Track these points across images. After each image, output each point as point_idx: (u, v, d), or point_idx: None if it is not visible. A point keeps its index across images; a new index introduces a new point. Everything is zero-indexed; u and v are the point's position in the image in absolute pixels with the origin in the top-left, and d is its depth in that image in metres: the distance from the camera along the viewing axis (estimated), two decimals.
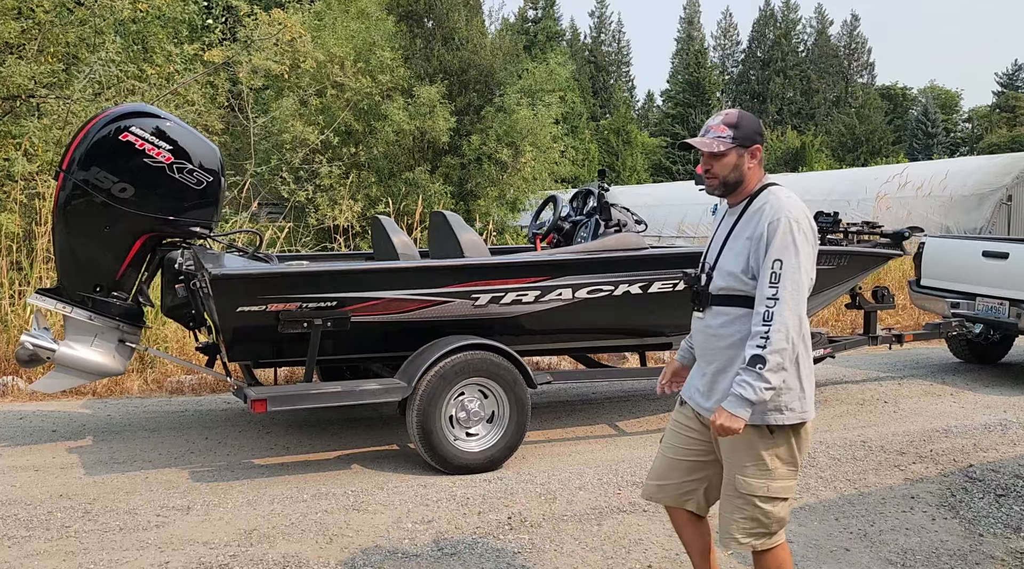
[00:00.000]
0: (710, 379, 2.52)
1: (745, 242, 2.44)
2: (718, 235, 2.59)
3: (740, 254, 2.44)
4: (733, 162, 2.49)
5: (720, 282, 2.49)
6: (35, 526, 3.70)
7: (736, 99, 53.90)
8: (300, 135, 11.86)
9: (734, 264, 2.45)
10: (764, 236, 2.39)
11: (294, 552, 3.45)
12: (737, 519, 2.48)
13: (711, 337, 2.50)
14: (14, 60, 8.68)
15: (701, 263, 2.61)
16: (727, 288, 2.46)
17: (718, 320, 2.49)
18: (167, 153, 4.44)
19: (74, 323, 4.57)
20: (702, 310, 2.55)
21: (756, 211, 2.46)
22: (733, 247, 2.48)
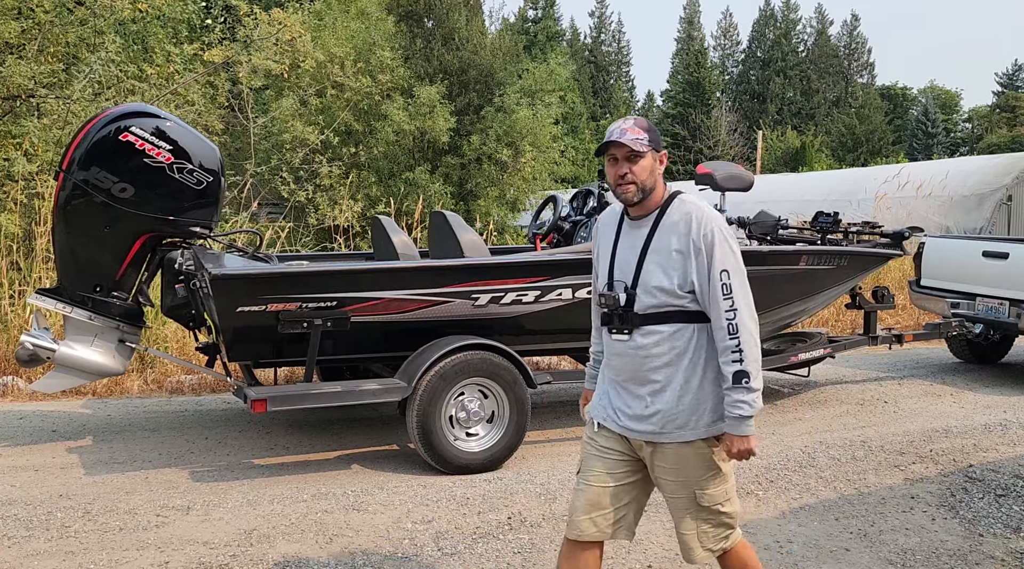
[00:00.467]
0: (647, 400, 2.38)
1: (676, 256, 2.33)
2: (624, 249, 2.44)
3: (673, 269, 2.33)
4: (650, 166, 2.37)
5: (649, 300, 2.35)
6: (35, 526, 3.70)
7: (736, 99, 53.90)
8: (300, 135, 11.87)
9: (665, 280, 2.33)
10: (704, 249, 2.31)
11: (294, 552, 3.45)
12: (706, 530, 2.42)
13: (644, 358, 2.37)
14: (14, 60, 8.68)
15: (608, 282, 2.44)
16: (659, 305, 2.34)
17: (650, 339, 2.36)
18: (167, 153, 4.43)
19: (74, 323, 4.56)
20: (627, 332, 2.39)
21: (679, 222, 2.35)
22: (658, 261, 2.35)
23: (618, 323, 2.41)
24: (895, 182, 15.57)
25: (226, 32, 11.92)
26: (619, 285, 2.41)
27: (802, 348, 6.06)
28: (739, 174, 6.26)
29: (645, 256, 2.37)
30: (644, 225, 2.41)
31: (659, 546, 3.55)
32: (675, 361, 2.35)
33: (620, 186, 2.37)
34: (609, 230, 2.52)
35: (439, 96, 12.66)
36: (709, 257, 2.30)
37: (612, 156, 2.38)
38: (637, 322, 2.37)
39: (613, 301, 2.39)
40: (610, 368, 2.49)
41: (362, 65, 12.64)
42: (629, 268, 2.40)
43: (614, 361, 2.45)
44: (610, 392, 2.49)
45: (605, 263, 2.48)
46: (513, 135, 13.17)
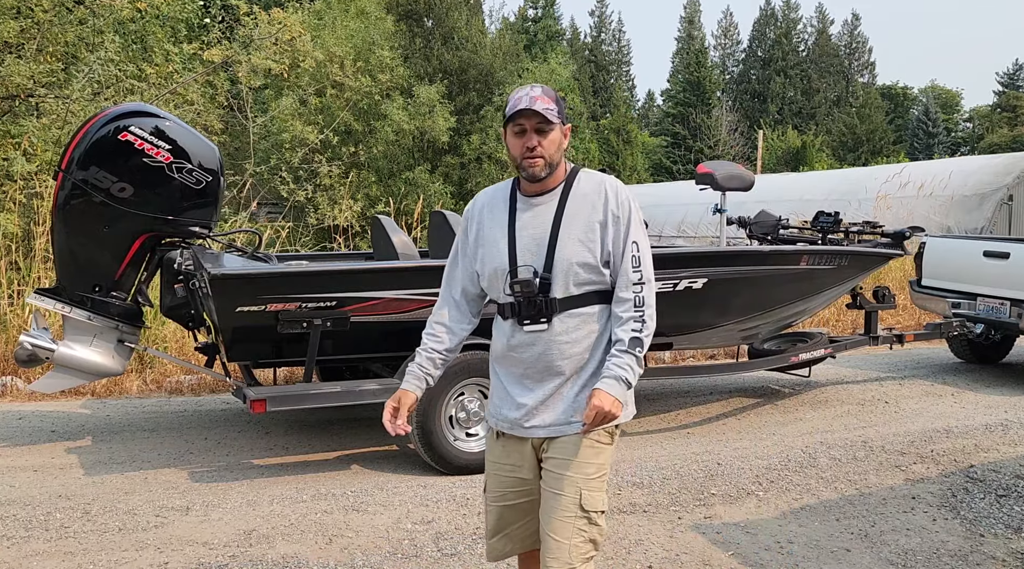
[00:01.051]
0: (562, 391, 2.17)
1: (594, 228, 2.15)
2: (525, 230, 2.19)
3: (592, 242, 2.15)
4: (558, 140, 2.17)
5: (569, 280, 2.14)
6: (34, 526, 3.69)
7: (737, 98, 53.88)
8: (299, 135, 11.87)
9: (588, 255, 2.14)
10: (620, 218, 2.16)
11: (293, 553, 3.44)
12: (578, 544, 2.13)
13: (563, 346, 2.15)
14: (13, 59, 8.67)
15: (511, 269, 2.17)
16: (583, 284, 2.15)
17: (570, 324, 2.15)
18: (166, 153, 4.42)
19: (73, 323, 4.55)
20: (545, 320, 2.15)
21: (592, 193, 2.18)
22: (576, 237, 2.15)
23: (533, 312, 2.16)
24: (896, 182, 15.56)
25: (225, 32, 11.90)
26: (526, 270, 2.16)
27: (803, 348, 6.05)
28: (740, 174, 6.25)
29: (558, 232, 2.15)
30: (548, 201, 2.19)
31: (659, 546, 3.54)
32: (594, 344, 2.18)
33: (527, 160, 2.13)
34: (498, 212, 2.24)
35: (439, 96, 12.66)
36: (626, 227, 2.17)
37: (520, 126, 2.14)
38: (557, 308, 2.15)
39: (530, 288, 2.14)
40: (512, 365, 2.23)
41: (362, 64, 12.64)
42: (539, 249, 2.16)
43: (521, 354, 2.20)
44: (511, 392, 2.24)
45: (501, 248, 2.20)
46: None
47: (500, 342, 2.26)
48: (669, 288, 4.93)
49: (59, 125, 8.70)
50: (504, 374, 2.27)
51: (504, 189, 2.28)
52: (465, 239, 2.32)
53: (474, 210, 2.32)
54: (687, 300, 5.05)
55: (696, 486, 4.24)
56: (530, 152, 2.13)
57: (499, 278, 2.20)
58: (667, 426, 5.60)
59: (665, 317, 5.15)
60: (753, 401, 6.28)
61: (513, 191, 2.25)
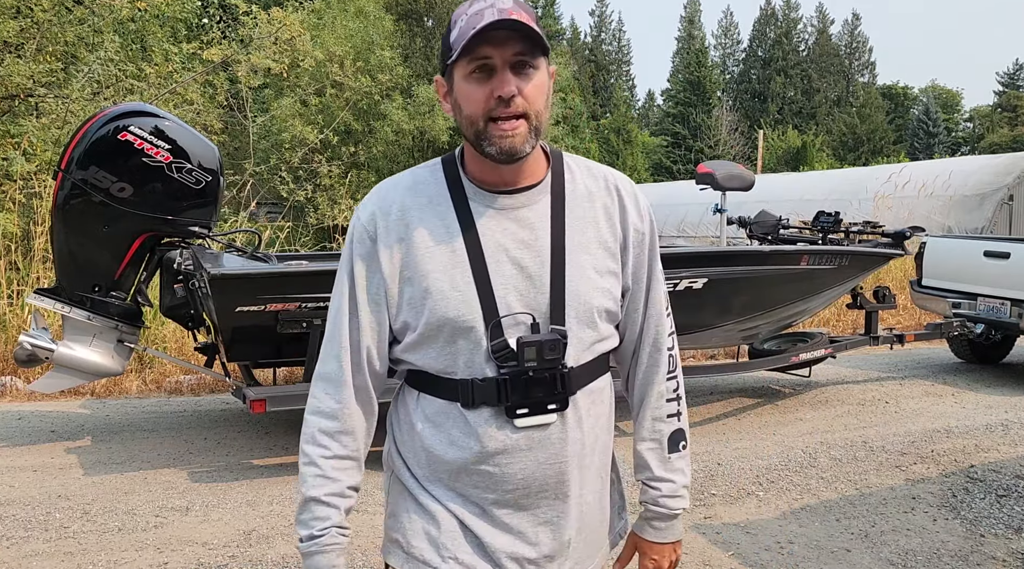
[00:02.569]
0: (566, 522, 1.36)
1: (613, 251, 1.36)
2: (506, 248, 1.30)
3: (611, 274, 1.36)
4: (546, 88, 1.28)
5: (583, 336, 1.32)
6: (33, 527, 3.69)
7: (737, 98, 53.88)
8: (299, 134, 11.87)
9: (608, 295, 1.34)
10: (646, 236, 1.40)
11: (293, 553, 3.43)
12: None
13: (578, 445, 1.34)
14: (12, 59, 8.67)
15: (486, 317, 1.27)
16: (598, 341, 1.35)
17: (584, 409, 1.34)
18: (166, 152, 4.42)
19: (72, 323, 4.55)
20: (557, 407, 1.30)
21: (599, 193, 1.38)
22: (588, 263, 1.33)
23: (539, 395, 1.28)
24: (896, 182, 15.56)
25: (224, 31, 11.91)
26: (515, 322, 1.28)
27: (803, 348, 6.05)
28: (740, 174, 6.25)
29: (565, 256, 1.31)
30: (532, 201, 1.33)
31: None
32: (604, 437, 1.41)
33: (501, 123, 1.23)
34: (436, 220, 1.31)
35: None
36: (650, 250, 1.41)
37: (482, 62, 1.23)
38: (573, 383, 1.31)
39: (553, 354, 1.28)
40: (478, 487, 1.32)
41: (361, 64, 12.64)
42: (534, 285, 1.29)
43: (506, 468, 1.30)
44: (474, 530, 1.33)
45: (459, 284, 1.28)
46: None
47: (453, 450, 1.32)
48: (669, 288, 4.90)
49: (59, 125, 8.70)
50: (455, 502, 1.34)
51: (431, 180, 1.34)
52: (371, 274, 1.32)
53: (381, 220, 1.32)
54: (687, 300, 5.05)
55: (696, 486, 4.24)
56: (505, 106, 1.22)
57: (462, 337, 1.28)
58: None
59: None
60: (753, 401, 6.27)
61: (453, 182, 1.33)
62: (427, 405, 1.36)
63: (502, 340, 1.28)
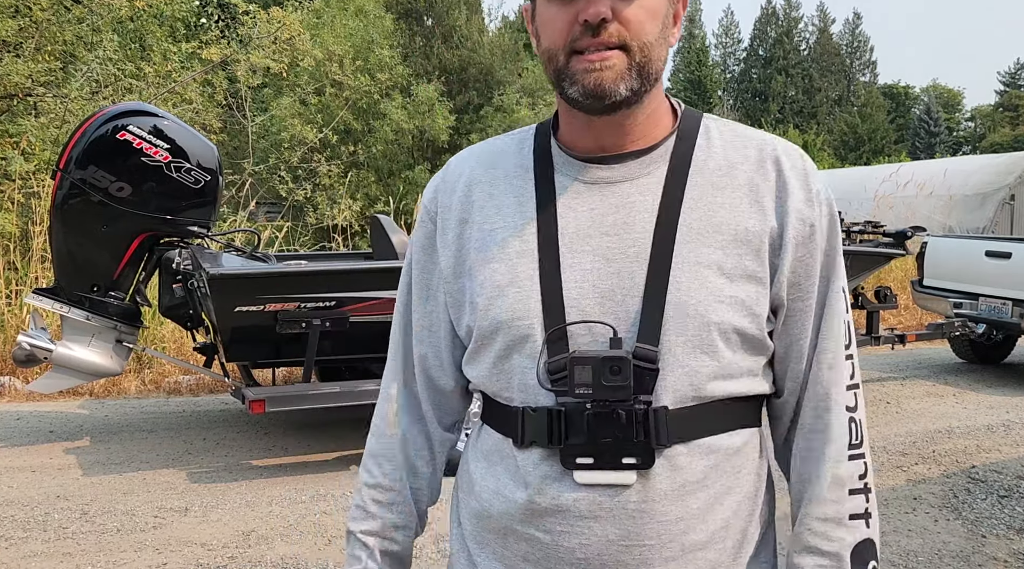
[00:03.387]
0: None
1: (758, 246, 0.96)
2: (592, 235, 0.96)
3: (749, 280, 0.96)
4: (662, 7, 0.94)
5: (695, 366, 0.93)
6: (32, 527, 3.68)
7: (738, 97, 53.89)
8: (298, 134, 11.86)
9: (731, 309, 0.94)
10: (818, 230, 0.99)
11: (292, 554, 3.42)
12: None
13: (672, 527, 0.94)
14: (11, 58, 8.66)
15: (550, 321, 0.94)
16: (728, 378, 0.95)
17: (691, 473, 0.95)
18: (165, 152, 4.41)
19: (71, 323, 4.54)
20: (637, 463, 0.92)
21: (743, 165, 0.99)
22: (712, 260, 0.94)
23: (609, 441, 0.92)
24: (897, 181, 15.55)
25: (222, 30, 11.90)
26: (589, 334, 0.94)
27: None
28: None
29: (672, 248, 0.94)
30: (640, 173, 0.97)
31: None
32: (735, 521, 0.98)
33: (586, 58, 0.90)
34: (509, 196, 1.01)
35: (437, 94, 12.65)
36: (826, 255, 1.02)
37: None
38: (668, 432, 0.92)
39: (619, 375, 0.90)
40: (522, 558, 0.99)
41: (361, 63, 12.64)
42: (624, 288, 0.94)
43: (560, 539, 0.95)
44: None
45: (523, 277, 0.97)
46: None
47: (498, 501, 1.01)
48: None
49: (57, 124, 8.69)
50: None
51: (514, 149, 1.05)
52: (428, 264, 1.08)
53: (444, 197, 1.06)
54: None
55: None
56: (592, 35, 0.90)
57: (517, 350, 0.97)
58: None
59: None
60: None
61: (542, 151, 1.02)
62: (485, 438, 1.04)
63: (563, 357, 0.92)
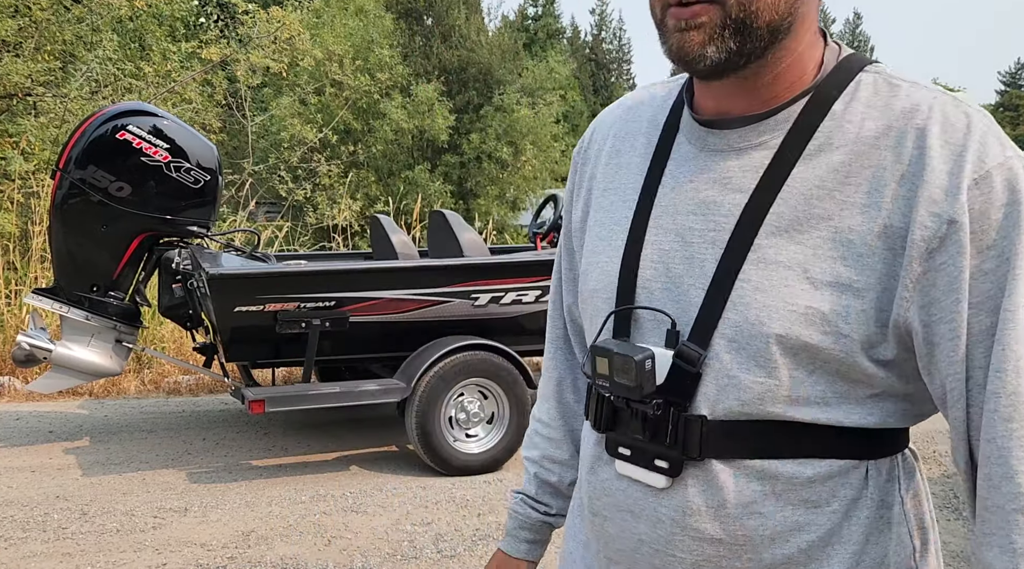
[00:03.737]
0: None
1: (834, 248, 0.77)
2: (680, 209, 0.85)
3: (833, 286, 0.77)
4: None
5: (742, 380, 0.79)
6: (32, 527, 3.67)
7: None
8: (298, 134, 11.86)
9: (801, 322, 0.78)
10: (964, 229, 0.74)
11: (292, 554, 3.42)
12: None
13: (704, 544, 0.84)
14: (11, 58, 8.65)
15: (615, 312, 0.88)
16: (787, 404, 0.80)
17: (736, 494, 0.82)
18: (164, 152, 4.41)
19: (71, 323, 4.54)
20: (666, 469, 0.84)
21: (873, 140, 0.78)
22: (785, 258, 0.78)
23: (641, 436, 0.86)
24: None
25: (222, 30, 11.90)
26: (654, 320, 0.86)
27: None
28: None
29: (753, 240, 0.80)
30: (750, 143, 0.83)
31: None
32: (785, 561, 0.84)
33: (675, 10, 0.78)
34: (633, 155, 0.94)
35: (436, 94, 12.65)
36: (998, 258, 0.75)
37: None
38: (703, 446, 0.82)
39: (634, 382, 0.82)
40: (590, 529, 0.96)
41: (360, 63, 12.63)
42: (693, 273, 0.84)
43: (602, 522, 0.92)
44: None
45: (610, 247, 0.92)
46: (513, 134, 13.18)
47: (581, 472, 0.99)
48: None
49: (57, 124, 8.68)
50: (582, 538, 1.00)
51: (659, 101, 0.95)
52: (568, 215, 1.04)
53: (587, 147, 1.02)
54: None
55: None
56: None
57: (595, 322, 0.92)
58: None
59: None
60: None
61: (677, 106, 0.92)
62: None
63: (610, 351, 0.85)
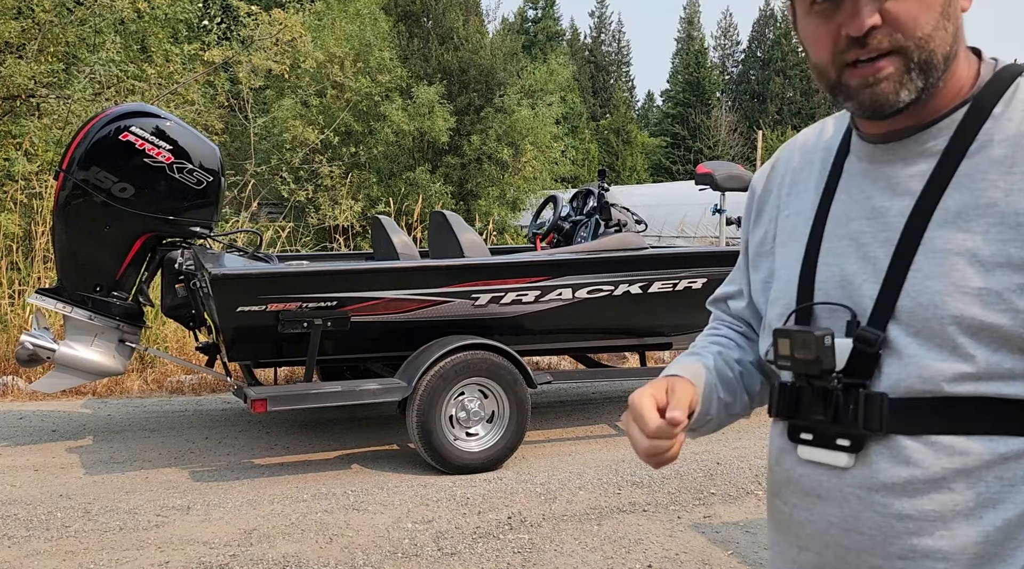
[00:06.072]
0: None
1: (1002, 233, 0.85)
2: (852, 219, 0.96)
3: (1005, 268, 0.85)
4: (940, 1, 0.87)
5: (933, 363, 0.87)
6: (35, 526, 3.70)
7: (736, 99, 53.95)
8: (300, 135, 11.88)
9: (977, 302, 0.85)
10: None
11: (294, 552, 3.45)
12: None
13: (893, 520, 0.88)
14: (14, 60, 8.68)
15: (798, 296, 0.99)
16: (978, 379, 0.86)
17: (922, 468, 0.87)
18: (167, 153, 4.44)
19: (74, 323, 4.57)
20: (848, 446, 0.91)
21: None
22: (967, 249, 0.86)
23: (822, 418, 0.93)
24: None
25: (225, 32, 11.93)
26: (830, 315, 0.95)
27: None
28: (739, 174, 6.26)
29: (924, 233, 0.89)
30: (914, 152, 0.92)
31: (659, 546, 3.55)
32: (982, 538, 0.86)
33: (861, 71, 0.88)
34: (811, 182, 1.03)
35: (437, 96, 12.67)
36: None
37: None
38: (887, 418, 0.89)
39: (808, 355, 0.91)
40: (785, 530, 1.00)
41: (361, 65, 12.66)
42: (867, 269, 0.93)
43: (796, 512, 0.97)
44: None
45: (791, 258, 1.02)
46: (513, 135, 13.19)
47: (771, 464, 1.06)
48: (669, 288, 4.93)
49: (60, 125, 8.71)
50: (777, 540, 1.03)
51: (834, 129, 1.04)
52: (747, 231, 1.16)
53: (766, 177, 1.12)
54: (687, 300, 5.06)
55: (696, 485, 4.25)
56: (859, 47, 0.87)
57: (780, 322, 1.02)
58: None
59: (665, 317, 5.18)
60: None
61: (847, 133, 1.01)
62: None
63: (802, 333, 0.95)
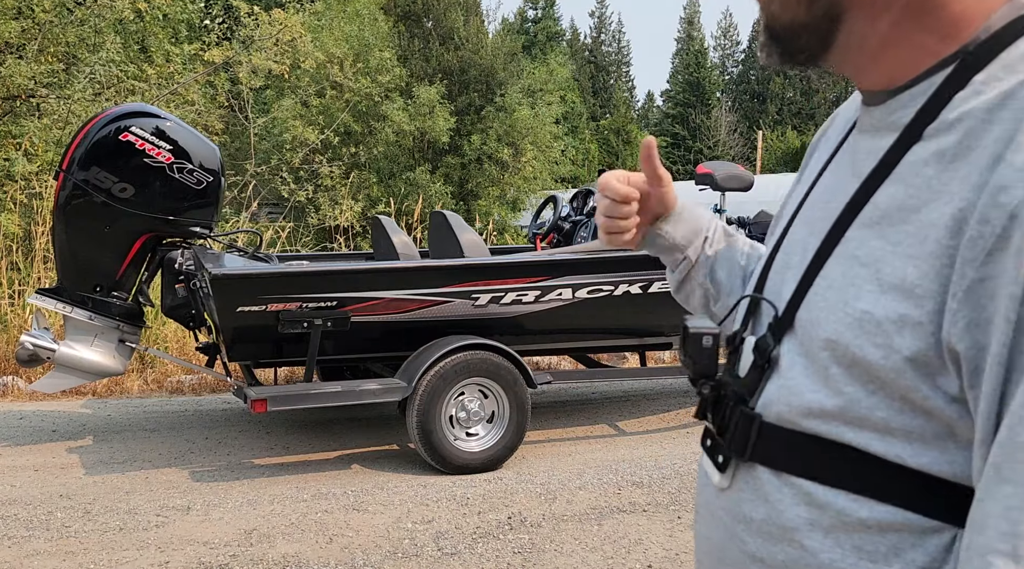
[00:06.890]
0: None
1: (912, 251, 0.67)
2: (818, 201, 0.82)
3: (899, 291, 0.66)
4: None
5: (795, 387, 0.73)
6: (35, 526, 3.70)
7: (736, 99, 53.95)
8: (300, 135, 11.88)
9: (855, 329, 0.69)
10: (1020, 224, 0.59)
11: (294, 552, 3.45)
12: None
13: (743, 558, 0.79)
14: (14, 60, 8.68)
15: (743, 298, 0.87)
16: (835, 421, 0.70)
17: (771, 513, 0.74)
18: (167, 153, 4.44)
19: (74, 323, 4.57)
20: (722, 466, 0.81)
21: (977, 136, 0.66)
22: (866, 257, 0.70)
23: (716, 426, 0.83)
24: None
25: (225, 32, 11.94)
26: (768, 311, 0.81)
27: None
28: (739, 174, 6.27)
29: (842, 236, 0.73)
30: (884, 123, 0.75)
31: (659, 546, 3.55)
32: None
33: None
34: (826, 149, 0.92)
35: (438, 96, 12.67)
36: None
37: None
38: (751, 447, 0.76)
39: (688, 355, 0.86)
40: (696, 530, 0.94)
41: (361, 65, 12.66)
42: (794, 265, 0.79)
43: (696, 524, 0.93)
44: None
45: (772, 237, 0.92)
46: (514, 135, 13.20)
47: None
48: (667, 290, 4.92)
49: (60, 125, 8.71)
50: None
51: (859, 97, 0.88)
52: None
53: (820, 135, 1.01)
54: None
55: (694, 485, 4.25)
56: None
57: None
58: (667, 426, 5.61)
59: (665, 317, 5.18)
60: None
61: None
62: None
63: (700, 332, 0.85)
